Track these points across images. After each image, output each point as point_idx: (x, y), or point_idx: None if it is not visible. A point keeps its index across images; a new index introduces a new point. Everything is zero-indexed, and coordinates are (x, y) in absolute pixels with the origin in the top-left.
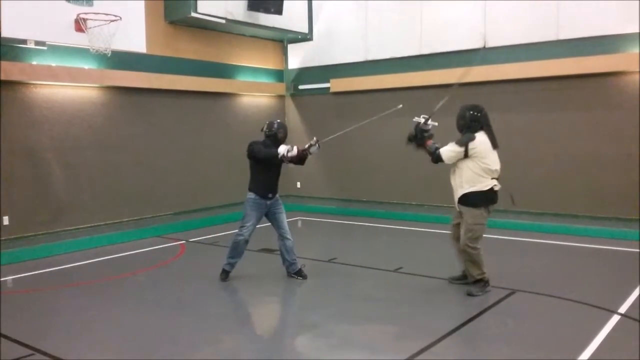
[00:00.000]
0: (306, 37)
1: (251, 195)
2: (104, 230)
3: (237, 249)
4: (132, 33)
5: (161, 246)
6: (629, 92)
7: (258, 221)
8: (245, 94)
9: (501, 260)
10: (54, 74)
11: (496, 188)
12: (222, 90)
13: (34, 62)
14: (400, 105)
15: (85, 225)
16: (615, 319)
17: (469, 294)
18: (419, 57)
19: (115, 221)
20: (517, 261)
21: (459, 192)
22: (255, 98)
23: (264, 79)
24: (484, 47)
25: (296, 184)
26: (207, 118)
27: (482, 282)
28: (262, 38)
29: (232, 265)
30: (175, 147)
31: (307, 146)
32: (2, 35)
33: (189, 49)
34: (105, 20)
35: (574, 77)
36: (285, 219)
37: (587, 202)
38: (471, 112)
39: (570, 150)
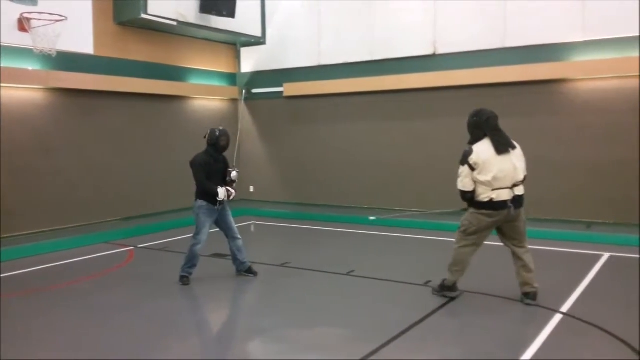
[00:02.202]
0: (259, 41)
1: (202, 203)
2: (49, 237)
3: (195, 258)
4: (79, 34)
5: (109, 252)
6: (571, 99)
7: (210, 227)
8: (197, 97)
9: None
10: None
11: (500, 198)
12: (173, 93)
13: None
14: None
15: (29, 232)
16: (557, 317)
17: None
18: (371, 62)
19: (61, 227)
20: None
21: None
22: (208, 101)
23: (216, 82)
24: (434, 53)
25: (249, 188)
26: (157, 121)
27: (449, 286)
28: (214, 41)
29: (191, 273)
30: (124, 150)
31: (232, 178)
32: None
33: (139, 50)
34: (50, 20)
35: (520, 84)
36: (232, 220)
37: (536, 206)
38: (474, 119)
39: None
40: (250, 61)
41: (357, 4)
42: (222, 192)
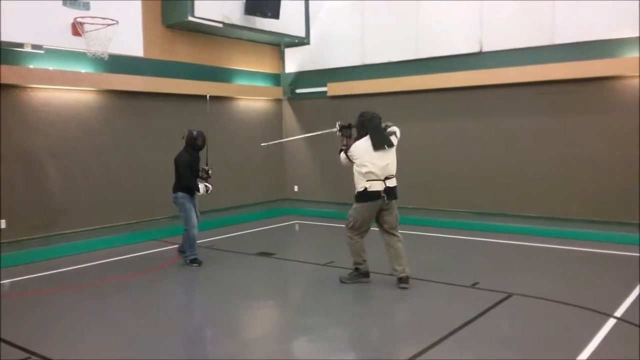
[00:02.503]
0: (303, 41)
1: (183, 194)
2: (100, 234)
3: (195, 240)
4: (129, 37)
5: (157, 250)
6: (627, 96)
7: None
8: (242, 97)
9: (498, 263)
10: (51, 78)
11: (373, 189)
12: (219, 94)
13: (31, 66)
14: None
15: (81, 229)
16: (611, 322)
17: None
18: (415, 61)
19: (112, 225)
20: (513, 265)
21: None
22: (253, 102)
23: (260, 83)
24: (480, 51)
25: (293, 188)
26: (204, 122)
27: (356, 271)
28: (259, 42)
29: (197, 253)
30: (171, 150)
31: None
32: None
33: (186, 52)
34: (102, 24)
35: (570, 82)
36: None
37: (585, 206)
38: (360, 119)
39: (568, 154)
40: (294, 61)
41: (401, 2)
42: (202, 187)
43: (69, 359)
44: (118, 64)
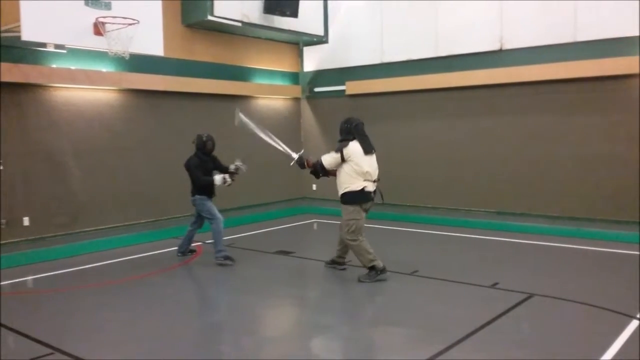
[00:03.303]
0: (322, 40)
1: (199, 196)
2: (122, 232)
3: (222, 235)
4: (150, 36)
5: (176, 248)
6: None
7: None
8: (261, 96)
9: (518, 264)
10: (73, 77)
11: (368, 189)
12: (238, 92)
13: (54, 65)
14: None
15: (103, 227)
16: (634, 324)
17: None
18: (435, 59)
19: (133, 223)
20: (534, 265)
21: (339, 193)
22: (271, 100)
23: (279, 82)
24: (501, 49)
25: (312, 187)
26: (223, 120)
27: (372, 271)
28: (277, 41)
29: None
30: (191, 149)
31: (234, 170)
32: (22, 39)
33: (205, 51)
34: (123, 24)
35: (592, 80)
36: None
37: (606, 205)
38: (345, 125)
39: (588, 153)
40: (313, 60)
41: (420, 1)
42: (218, 178)
43: (91, 356)
44: (138, 63)
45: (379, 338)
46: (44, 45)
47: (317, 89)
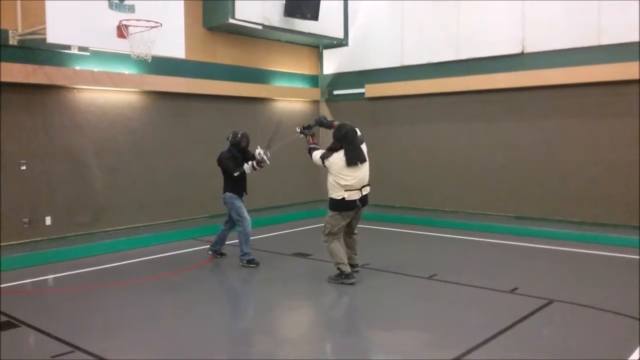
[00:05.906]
0: (341, 43)
1: (230, 194)
2: (142, 232)
3: (249, 238)
4: (172, 39)
5: (197, 248)
6: None
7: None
8: (280, 99)
9: (538, 269)
10: (96, 79)
11: (349, 198)
12: (258, 95)
13: (77, 67)
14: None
15: (124, 227)
16: None
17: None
18: (455, 62)
19: (153, 223)
20: (554, 271)
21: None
22: (291, 103)
23: (299, 84)
24: (523, 52)
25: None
26: (243, 123)
27: (340, 273)
28: (297, 43)
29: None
30: (211, 151)
31: (260, 159)
32: (47, 41)
33: (225, 54)
34: (146, 27)
35: (616, 83)
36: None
37: (628, 211)
38: (336, 132)
39: (612, 158)
40: (332, 63)
41: (442, 2)
42: (247, 166)
43: (111, 356)
44: (160, 65)
45: (396, 342)
46: (68, 47)
47: (336, 92)
